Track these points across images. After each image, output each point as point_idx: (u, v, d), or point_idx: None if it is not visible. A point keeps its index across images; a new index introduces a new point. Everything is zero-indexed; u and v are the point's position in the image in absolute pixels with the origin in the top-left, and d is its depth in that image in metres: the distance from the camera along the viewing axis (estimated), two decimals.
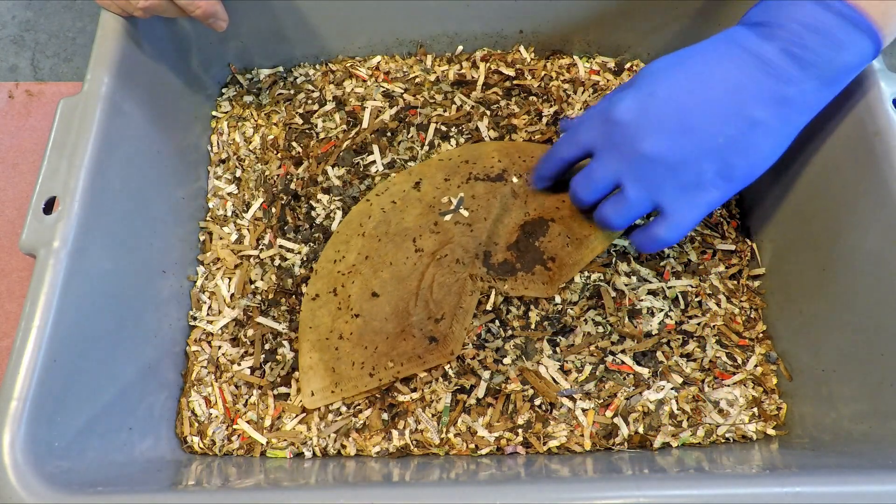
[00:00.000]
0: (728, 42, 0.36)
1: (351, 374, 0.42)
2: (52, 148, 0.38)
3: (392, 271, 0.45)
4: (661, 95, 0.35)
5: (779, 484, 0.29)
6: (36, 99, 0.59)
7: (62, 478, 0.31)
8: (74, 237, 0.36)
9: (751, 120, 0.34)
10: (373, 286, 0.44)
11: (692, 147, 0.35)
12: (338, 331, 0.43)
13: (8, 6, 0.64)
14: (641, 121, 0.36)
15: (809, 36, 0.33)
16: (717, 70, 0.35)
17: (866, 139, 0.38)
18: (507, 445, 0.42)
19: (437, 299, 0.44)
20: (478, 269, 0.45)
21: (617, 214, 0.39)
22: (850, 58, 0.34)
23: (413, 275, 0.44)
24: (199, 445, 0.42)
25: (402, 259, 0.45)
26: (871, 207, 0.38)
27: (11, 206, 0.54)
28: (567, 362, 0.44)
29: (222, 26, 0.42)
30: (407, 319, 0.43)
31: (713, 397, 0.43)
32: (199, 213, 0.50)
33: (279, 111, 0.54)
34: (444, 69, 0.55)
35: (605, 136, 0.38)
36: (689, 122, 0.35)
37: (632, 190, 0.37)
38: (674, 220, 0.37)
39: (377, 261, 0.45)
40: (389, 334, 0.43)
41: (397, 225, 0.46)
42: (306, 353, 0.43)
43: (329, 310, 0.44)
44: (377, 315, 0.44)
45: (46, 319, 0.33)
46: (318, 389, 0.42)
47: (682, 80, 0.35)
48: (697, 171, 0.35)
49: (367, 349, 0.43)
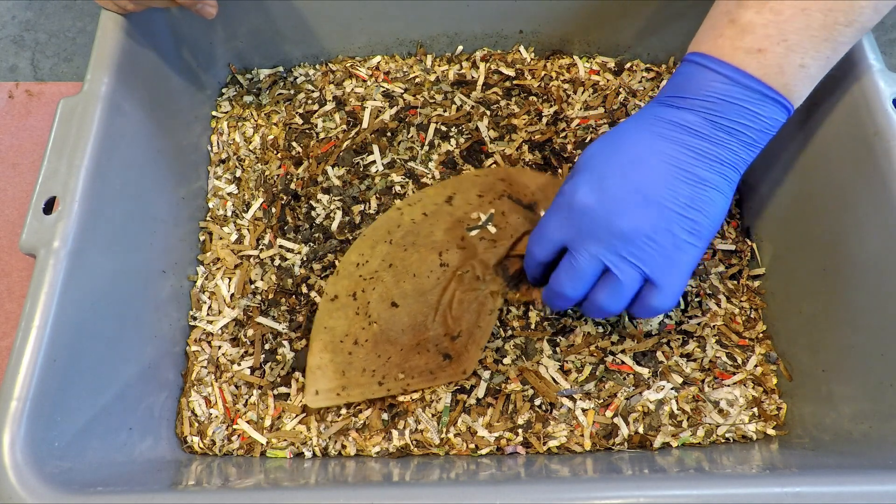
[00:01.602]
0: (652, 118, 0.37)
1: (360, 380, 0.42)
2: (52, 148, 0.38)
3: (414, 283, 0.44)
4: (612, 176, 0.37)
5: (779, 484, 0.29)
6: (36, 99, 0.59)
7: (62, 478, 0.31)
8: (74, 237, 0.36)
9: (698, 178, 0.36)
10: (393, 295, 0.44)
11: (659, 214, 0.36)
12: (353, 335, 0.43)
13: (8, 6, 0.64)
14: (606, 203, 0.37)
15: (727, 107, 0.35)
16: (654, 143, 0.37)
17: (866, 139, 0.38)
18: (507, 445, 0.42)
19: (455, 316, 0.43)
20: (498, 286, 0.45)
21: (613, 300, 0.38)
22: (765, 123, 0.36)
23: (435, 289, 0.44)
24: (199, 445, 0.42)
25: (426, 272, 0.44)
26: (871, 207, 0.38)
27: (11, 206, 0.54)
28: (567, 362, 0.44)
29: (211, 13, 0.42)
30: (424, 333, 0.43)
31: (713, 397, 0.43)
32: (199, 213, 0.50)
33: (279, 111, 0.54)
34: (444, 69, 0.55)
35: (576, 227, 0.38)
36: (648, 192, 0.36)
37: (621, 271, 0.37)
38: (667, 288, 0.37)
39: (401, 270, 0.45)
40: (404, 346, 0.43)
41: (426, 238, 0.46)
42: (317, 352, 0.43)
43: (346, 313, 0.44)
44: (395, 325, 0.43)
45: (46, 319, 0.33)
46: (323, 390, 0.42)
47: (625, 159, 0.37)
48: (672, 235, 0.36)
49: (379, 358, 0.42)
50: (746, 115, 0.35)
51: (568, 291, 0.39)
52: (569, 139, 0.51)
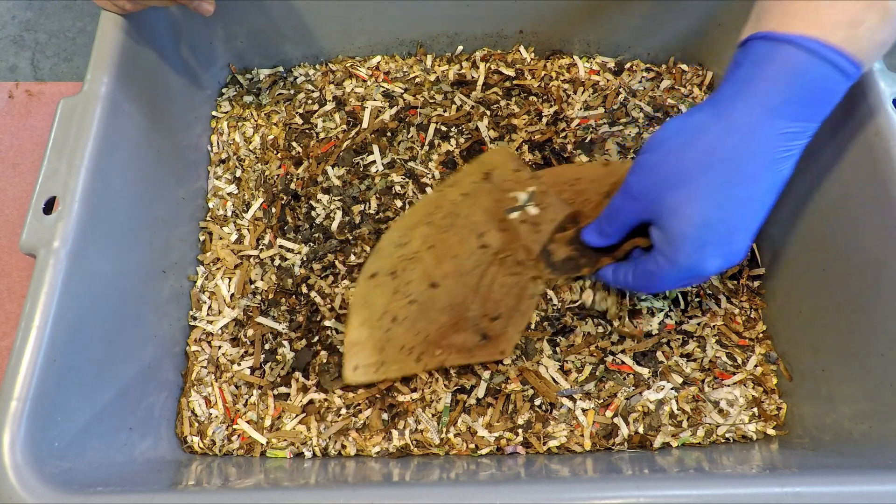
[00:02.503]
0: (775, 141, 0.34)
1: (398, 356, 0.42)
2: (52, 148, 0.38)
3: (455, 264, 0.44)
4: (741, 238, 0.35)
5: (779, 484, 0.29)
6: (36, 99, 0.59)
7: (62, 478, 0.31)
8: (74, 237, 0.36)
9: (785, 180, 0.35)
10: (433, 276, 0.44)
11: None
12: (391, 313, 0.43)
13: (8, 6, 0.64)
14: (730, 261, 0.36)
15: (831, 104, 0.34)
16: (776, 174, 0.35)
17: (866, 139, 0.38)
18: (507, 445, 0.42)
19: (495, 298, 0.43)
20: (541, 271, 0.44)
21: (630, 278, 0.40)
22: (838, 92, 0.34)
23: (475, 270, 0.44)
24: (199, 445, 0.42)
25: (466, 253, 0.45)
26: (871, 207, 0.38)
27: (11, 206, 0.54)
28: (567, 362, 0.44)
29: (209, 9, 0.42)
30: (462, 313, 0.43)
31: (713, 397, 0.43)
32: (199, 213, 0.50)
33: (279, 111, 0.54)
34: (444, 69, 0.55)
35: (695, 280, 0.38)
36: (757, 219, 0.35)
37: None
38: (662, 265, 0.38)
39: (441, 251, 0.45)
40: (443, 325, 0.43)
41: (465, 218, 0.46)
42: (356, 327, 0.43)
43: (385, 291, 0.44)
44: (434, 305, 0.43)
45: (46, 319, 0.33)
46: (363, 365, 0.42)
47: (756, 212, 0.35)
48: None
49: (418, 335, 0.43)
50: (834, 97, 0.33)
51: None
52: (569, 139, 0.51)
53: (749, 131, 0.34)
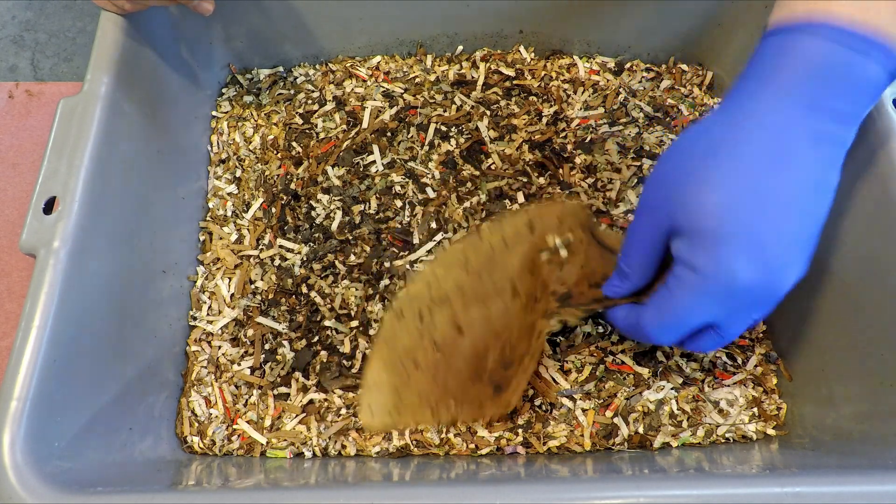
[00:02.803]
0: (808, 133, 0.30)
1: (413, 401, 0.40)
2: (52, 148, 0.38)
3: (482, 310, 0.42)
4: (774, 240, 0.30)
5: (779, 484, 0.29)
6: (36, 99, 0.59)
7: (62, 478, 0.31)
8: (74, 237, 0.36)
9: (833, 187, 0.31)
10: (460, 321, 0.42)
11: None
12: (413, 357, 0.41)
13: (8, 6, 0.64)
14: (775, 275, 0.30)
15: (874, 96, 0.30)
16: (811, 169, 0.30)
17: (866, 139, 0.38)
18: (507, 445, 0.42)
19: (512, 343, 0.41)
20: (550, 304, 0.41)
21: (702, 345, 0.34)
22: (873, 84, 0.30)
23: (502, 317, 0.41)
24: (199, 445, 0.42)
25: (496, 299, 0.42)
26: (871, 207, 0.38)
27: (11, 206, 0.54)
28: (567, 362, 0.44)
29: (208, 8, 0.41)
30: (483, 363, 0.41)
31: (713, 397, 0.43)
32: (199, 213, 0.50)
33: (279, 111, 0.54)
34: (444, 69, 0.55)
35: (733, 306, 0.31)
36: (807, 229, 0.30)
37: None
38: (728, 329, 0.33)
39: (471, 297, 0.42)
40: (463, 376, 0.41)
41: (503, 267, 0.42)
42: (377, 368, 0.41)
43: (410, 332, 0.42)
44: (457, 353, 0.41)
45: (46, 319, 0.33)
46: (378, 407, 0.40)
47: (782, 205, 0.30)
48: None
49: (436, 384, 0.41)
50: (872, 92, 0.30)
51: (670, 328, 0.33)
52: (569, 139, 0.51)
53: (763, 116, 0.30)
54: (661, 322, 0.33)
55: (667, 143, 0.51)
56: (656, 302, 0.33)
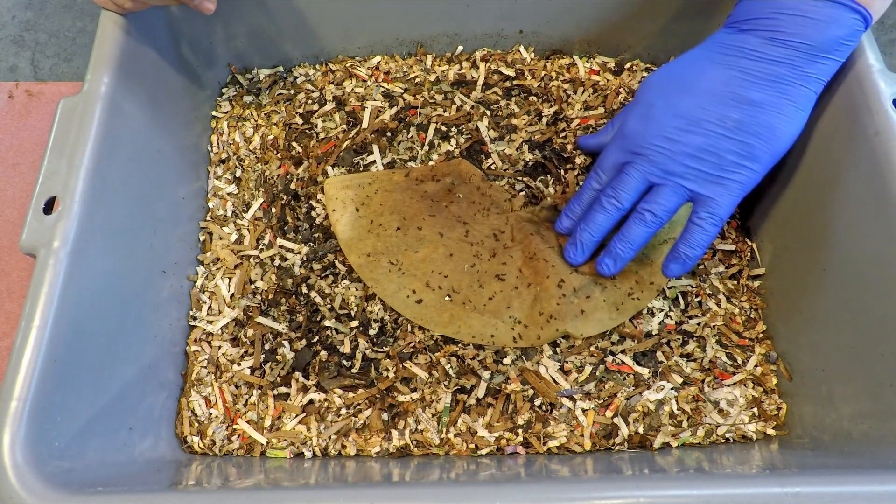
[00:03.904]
0: (711, 44, 0.39)
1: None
2: (52, 148, 0.38)
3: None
4: (660, 103, 0.39)
5: (779, 484, 0.29)
6: (36, 99, 0.59)
7: (62, 478, 0.31)
8: (74, 237, 0.36)
9: (750, 101, 0.36)
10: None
11: (703, 137, 0.38)
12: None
13: (8, 6, 0.64)
14: (651, 127, 0.39)
15: (788, 20, 0.35)
16: (706, 68, 0.38)
17: (866, 139, 0.38)
18: (507, 445, 0.42)
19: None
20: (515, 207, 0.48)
21: (655, 211, 0.40)
22: (837, 32, 0.35)
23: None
24: (199, 445, 0.42)
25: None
26: (871, 207, 0.38)
27: (11, 206, 0.54)
28: (567, 362, 0.44)
29: (210, 7, 0.42)
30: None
31: (713, 397, 0.43)
32: (199, 213, 0.50)
33: (279, 111, 0.54)
34: (444, 69, 0.55)
35: (626, 150, 0.41)
36: (694, 115, 0.38)
37: (664, 184, 0.39)
38: (711, 204, 0.39)
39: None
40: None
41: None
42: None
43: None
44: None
45: (46, 319, 0.33)
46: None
47: (676, 87, 0.39)
48: (717, 155, 0.38)
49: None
50: (810, 25, 0.34)
51: (619, 198, 0.41)
52: (569, 139, 0.51)
53: (702, 43, 0.40)
54: (592, 170, 0.44)
55: None
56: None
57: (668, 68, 0.41)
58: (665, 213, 0.41)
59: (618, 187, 0.41)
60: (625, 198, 0.41)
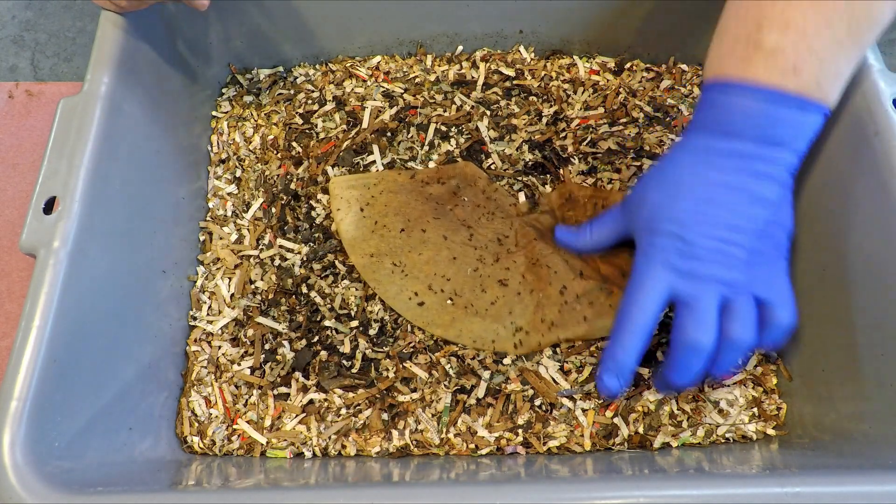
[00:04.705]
0: (706, 154, 0.38)
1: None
2: (52, 148, 0.38)
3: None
4: (694, 231, 0.37)
5: (779, 484, 0.29)
6: (36, 99, 0.59)
7: (62, 478, 0.31)
8: (74, 237, 0.36)
9: (768, 200, 0.37)
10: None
11: (749, 242, 0.37)
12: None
13: (8, 6, 0.64)
14: (704, 257, 0.37)
15: (774, 128, 0.36)
16: (719, 180, 0.37)
17: (866, 139, 0.38)
18: (507, 445, 0.42)
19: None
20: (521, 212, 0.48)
21: (746, 328, 0.37)
22: (809, 131, 0.36)
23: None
24: (199, 445, 0.42)
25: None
26: (871, 207, 0.38)
27: (11, 206, 0.54)
28: (567, 362, 0.44)
29: (204, 3, 0.41)
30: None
31: (713, 397, 0.43)
32: (199, 213, 0.50)
33: (279, 111, 0.54)
34: (444, 69, 0.55)
35: (683, 280, 0.37)
36: (733, 226, 0.37)
37: (740, 300, 0.37)
38: (782, 301, 0.37)
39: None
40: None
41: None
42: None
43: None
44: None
45: (46, 319, 0.33)
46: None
47: (698, 205, 0.37)
48: (763, 255, 0.38)
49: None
50: (792, 129, 0.36)
51: (702, 337, 0.36)
52: (569, 139, 0.51)
53: (684, 154, 0.39)
54: (629, 303, 0.38)
55: (667, 143, 0.51)
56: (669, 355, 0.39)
57: (673, 190, 0.38)
58: (755, 328, 0.37)
59: (700, 322, 0.37)
60: (711, 331, 0.37)
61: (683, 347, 0.37)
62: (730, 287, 0.37)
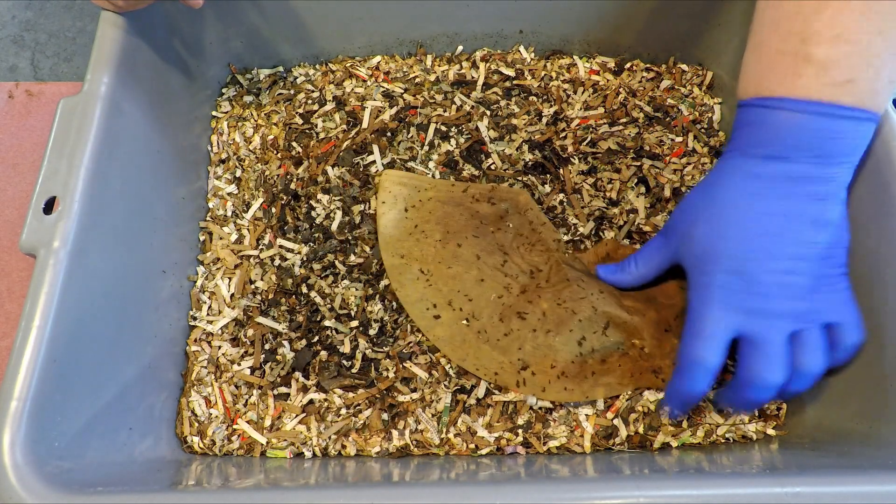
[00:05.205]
0: (757, 180, 0.36)
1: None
2: (52, 148, 0.38)
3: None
4: (754, 266, 0.36)
5: (779, 484, 0.29)
6: (36, 99, 0.59)
7: (62, 478, 0.31)
8: (74, 237, 0.36)
9: (829, 221, 0.36)
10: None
11: (812, 270, 0.36)
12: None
13: (8, 6, 0.64)
14: (765, 292, 0.35)
15: (831, 143, 0.34)
16: (777, 208, 0.36)
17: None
18: (507, 445, 0.42)
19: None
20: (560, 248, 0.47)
21: (818, 357, 0.36)
22: (864, 141, 0.35)
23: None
24: (199, 445, 0.42)
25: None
26: (871, 207, 0.38)
27: (11, 206, 0.54)
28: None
29: (198, 2, 0.41)
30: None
31: (713, 397, 0.43)
32: (199, 213, 0.50)
33: (279, 111, 0.54)
34: (444, 69, 0.55)
35: (749, 318, 0.36)
36: (794, 256, 0.35)
37: (809, 329, 0.36)
38: (850, 322, 0.37)
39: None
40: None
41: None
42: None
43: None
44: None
45: (46, 319, 0.33)
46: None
47: (755, 241, 0.36)
48: (829, 278, 0.37)
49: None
50: (849, 143, 0.34)
51: (773, 377, 0.36)
52: (569, 139, 0.51)
53: (731, 179, 0.37)
54: (691, 341, 0.37)
55: (667, 142, 0.51)
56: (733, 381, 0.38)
57: (725, 225, 0.36)
58: (826, 355, 0.37)
59: (772, 358, 0.36)
60: (783, 367, 0.36)
61: (752, 386, 0.36)
62: (797, 319, 0.35)
